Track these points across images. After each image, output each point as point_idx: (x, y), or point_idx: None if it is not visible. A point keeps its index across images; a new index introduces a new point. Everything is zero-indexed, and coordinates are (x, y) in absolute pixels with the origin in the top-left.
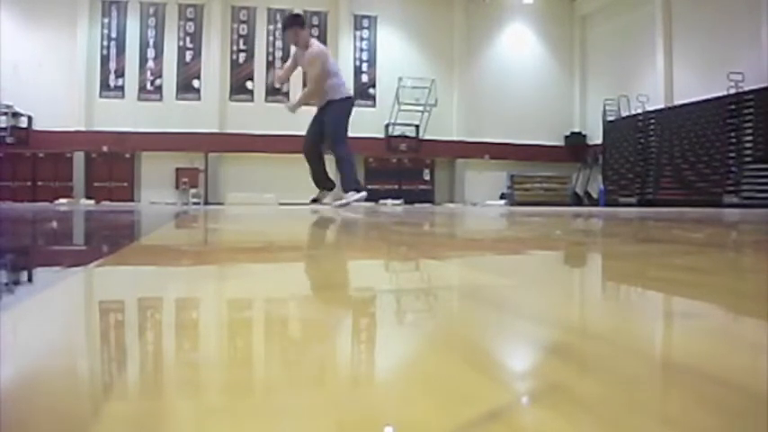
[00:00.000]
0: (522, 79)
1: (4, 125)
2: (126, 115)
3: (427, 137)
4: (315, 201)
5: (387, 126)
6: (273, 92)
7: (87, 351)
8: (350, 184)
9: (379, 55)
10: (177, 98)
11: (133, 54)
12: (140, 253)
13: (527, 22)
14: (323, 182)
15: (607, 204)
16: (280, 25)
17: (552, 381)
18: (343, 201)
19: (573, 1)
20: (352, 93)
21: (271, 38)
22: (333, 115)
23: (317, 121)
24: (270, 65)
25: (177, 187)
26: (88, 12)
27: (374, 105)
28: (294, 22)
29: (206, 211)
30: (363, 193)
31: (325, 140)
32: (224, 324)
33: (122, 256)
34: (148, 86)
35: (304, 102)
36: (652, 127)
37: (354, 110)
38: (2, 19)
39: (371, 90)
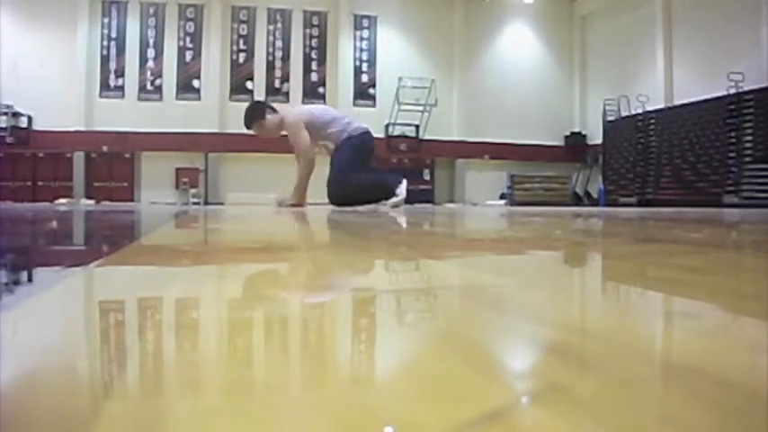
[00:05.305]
0: (521, 79)
1: (4, 125)
2: (126, 115)
3: (427, 137)
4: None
5: (387, 126)
6: (274, 91)
7: (87, 351)
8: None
9: (379, 55)
10: (177, 98)
11: (133, 54)
12: (140, 253)
13: (527, 23)
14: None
15: (607, 204)
16: (280, 26)
17: (552, 380)
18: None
19: (573, 1)
20: (359, 130)
21: (271, 38)
22: (336, 158)
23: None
24: (270, 65)
25: (177, 187)
26: (88, 12)
27: (374, 105)
28: (253, 116)
29: (206, 212)
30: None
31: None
32: (224, 323)
33: (122, 256)
34: (148, 86)
35: (303, 188)
36: (652, 127)
37: (354, 110)
38: (2, 19)
39: (371, 90)
